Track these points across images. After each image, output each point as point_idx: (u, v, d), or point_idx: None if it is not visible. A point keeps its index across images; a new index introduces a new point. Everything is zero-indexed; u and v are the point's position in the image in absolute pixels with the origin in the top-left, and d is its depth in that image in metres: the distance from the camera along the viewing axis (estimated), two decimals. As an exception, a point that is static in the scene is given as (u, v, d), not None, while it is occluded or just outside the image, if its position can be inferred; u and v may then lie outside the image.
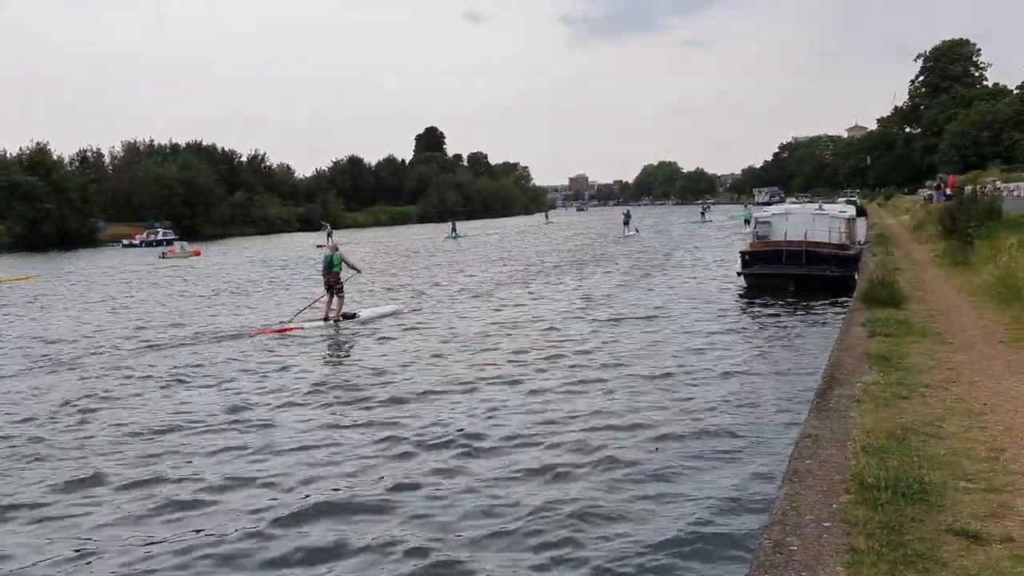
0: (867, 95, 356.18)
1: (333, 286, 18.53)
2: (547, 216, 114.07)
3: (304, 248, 55.77)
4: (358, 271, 19.86)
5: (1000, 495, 5.09)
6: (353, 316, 18.73)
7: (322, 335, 17.10)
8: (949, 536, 4.48)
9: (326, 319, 18.26)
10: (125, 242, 70.22)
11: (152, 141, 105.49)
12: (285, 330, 17.40)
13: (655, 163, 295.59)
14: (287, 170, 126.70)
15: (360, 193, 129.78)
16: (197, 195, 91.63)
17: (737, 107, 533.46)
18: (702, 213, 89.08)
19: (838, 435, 6.43)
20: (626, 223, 59.60)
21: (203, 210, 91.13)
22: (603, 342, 15.06)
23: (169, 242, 61.73)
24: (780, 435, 8.78)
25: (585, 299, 21.82)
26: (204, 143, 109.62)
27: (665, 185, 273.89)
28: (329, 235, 54.59)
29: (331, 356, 15.22)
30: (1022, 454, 5.84)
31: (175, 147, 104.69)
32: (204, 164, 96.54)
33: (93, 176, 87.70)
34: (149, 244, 65.94)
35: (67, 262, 51.21)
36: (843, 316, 14.86)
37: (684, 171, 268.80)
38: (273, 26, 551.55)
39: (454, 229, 65.28)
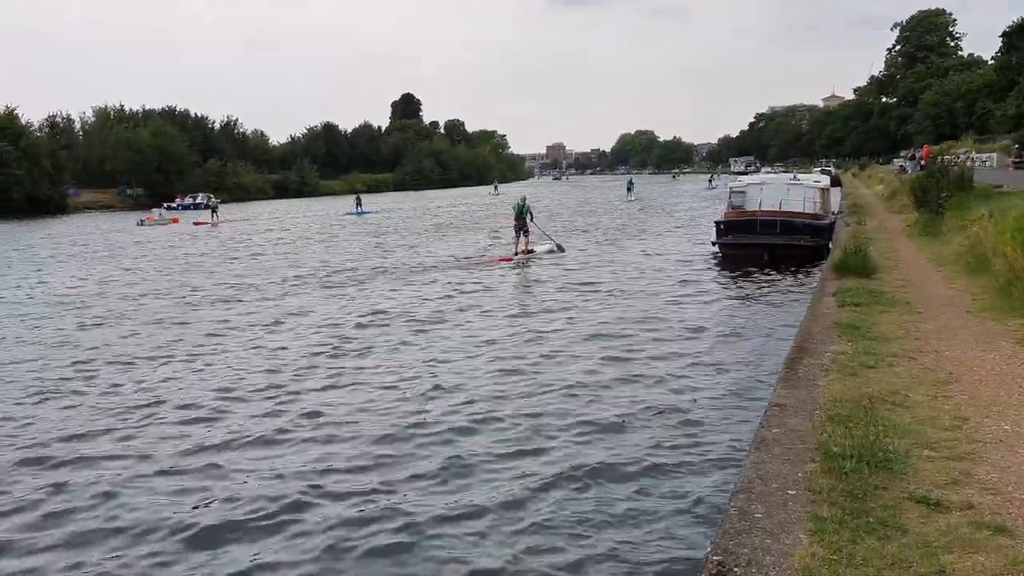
0: (844, 65, 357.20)
1: (520, 229, 24.15)
2: (495, 187, 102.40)
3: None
4: (532, 223, 24.83)
5: (962, 463, 5.18)
6: (532, 251, 24.35)
7: (521, 261, 23.39)
8: (911, 504, 4.56)
9: (516, 253, 24.14)
10: (165, 205, 69.53)
11: (123, 106, 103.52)
12: (506, 259, 23.67)
13: (632, 132, 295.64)
14: (261, 137, 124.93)
15: (335, 161, 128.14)
16: (170, 161, 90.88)
17: (714, 76, 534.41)
18: (709, 180, 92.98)
19: (806, 404, 6.50)
20: (629, 189, 67.74)
21: (176, 177, 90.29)
22: (567, 311, 15.13)
23: (207, 206, 63.82)
24: (750, 403, 8.87)
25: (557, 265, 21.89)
26: (177, 109, 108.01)
27: (642, 154, 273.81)
28: (214, 211, 54.06)
29: (529, 274, 21.11)
30: (985, 423, 5.95)
31: (147, 113, 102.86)
32: (176, 130, 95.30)
33: (64, 142, 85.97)
34: (186, 208, 70.99)
35: (28, 231, 50.33)
36: (815, 286, 14.98)
37: (661, 140, 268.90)
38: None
39: (358, 203, 57.64)
